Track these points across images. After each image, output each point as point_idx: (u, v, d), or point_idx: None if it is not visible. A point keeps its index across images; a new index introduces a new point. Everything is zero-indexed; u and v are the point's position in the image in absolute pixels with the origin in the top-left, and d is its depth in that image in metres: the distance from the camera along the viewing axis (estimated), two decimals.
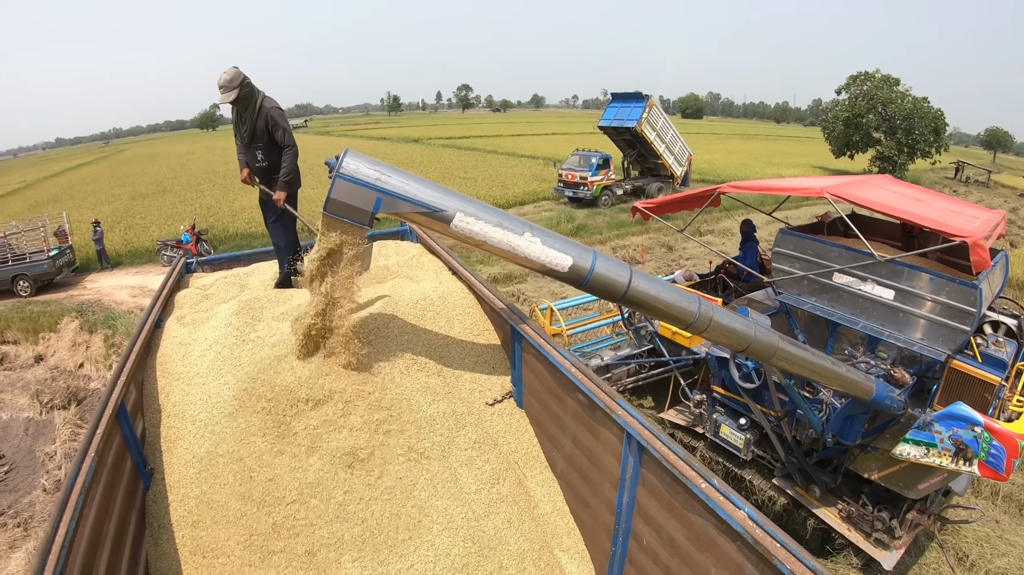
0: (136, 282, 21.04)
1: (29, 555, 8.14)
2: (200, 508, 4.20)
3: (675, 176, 30.35)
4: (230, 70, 5.92)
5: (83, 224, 25.83)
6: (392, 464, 4.55)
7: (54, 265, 20.63)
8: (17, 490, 10.18)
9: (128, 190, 42.79)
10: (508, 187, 33.64)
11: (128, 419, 4.21)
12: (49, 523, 2.85)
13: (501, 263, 18.73)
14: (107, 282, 21.44)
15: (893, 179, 9.08)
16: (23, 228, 22.42)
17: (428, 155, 52.51)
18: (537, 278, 17.50)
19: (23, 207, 38.61)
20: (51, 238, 21.96)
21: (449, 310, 5.79)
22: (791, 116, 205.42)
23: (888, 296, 6.74)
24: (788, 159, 52.74)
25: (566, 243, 4.37)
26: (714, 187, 8.40)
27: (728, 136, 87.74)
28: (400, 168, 4.36)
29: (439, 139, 70.08)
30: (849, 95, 43.93)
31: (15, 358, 16.11)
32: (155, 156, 77.39)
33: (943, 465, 5.80)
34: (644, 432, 3.75)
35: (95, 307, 18.10)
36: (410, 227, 7.80)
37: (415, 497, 4.47)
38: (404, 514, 4.38)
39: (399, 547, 4.24)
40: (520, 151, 53.65)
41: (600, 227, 24.76)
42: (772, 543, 2.95)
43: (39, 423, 12.47)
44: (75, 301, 18.96)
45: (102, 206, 34.87)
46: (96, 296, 19.59)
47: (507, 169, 41.89)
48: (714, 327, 4.56)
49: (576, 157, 30.31)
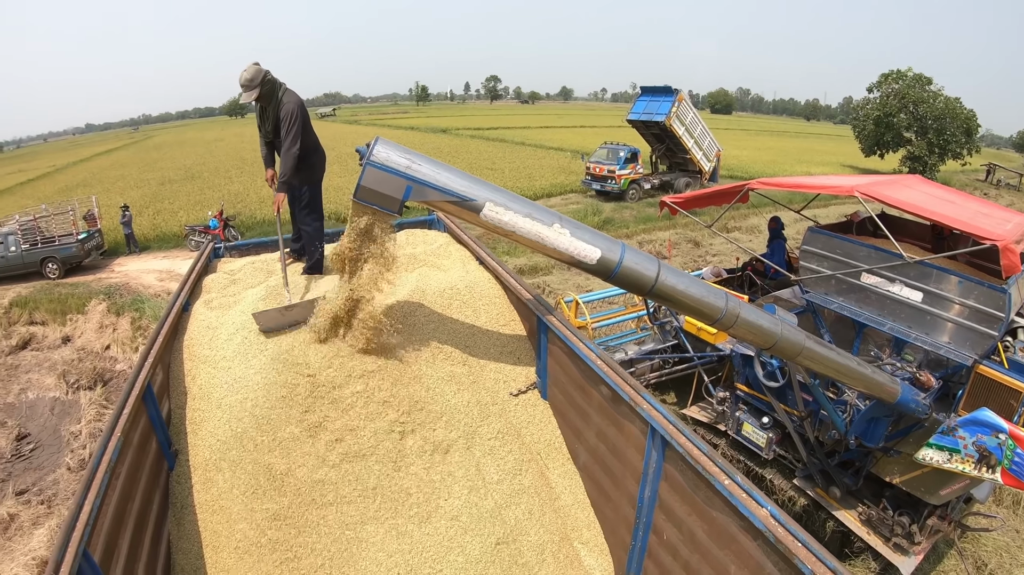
0: (163, 266, 21.27)
1: (51, 532, 8.28)
2: (222, 491, 4.25)
3: (703, 171, 30.11)
4: (251, 68, 5.76)
5: (112, 208, 26.16)
6: (415, 452, 4.58)
7: (83, 248, 20.91)
8: (42, 468, 10.38)
9: (157, 175, 43.19)
10: (535, 179, 33.59)
11: (154, 400, 4.28)
12: (74, 500, 2.90)
13: (527, 255, 18.70)
14: (135, 266, 21.69)
15: (924, 179, 8.97)
16: (53, 211, 22.68)
17: (456, 145, 52.37)
18: (563, 271, 17.46)
19: (53, 191, 39.16)
20: (80, 222, 22.21)
21: (475, 300, 5.80)
22: (821, 114, 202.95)
23: (916, 298, 6.66)
24: (817, 157, 52.16)
25: (595, 235, 4.36)
26: (743, 183, 8.33)
27: (757, 132, 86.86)
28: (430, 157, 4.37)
29: (467, 129, 69.68)
30: (880, 93, 43.37)
31: (43, 339, 16.35)
32: (184, 143, 78.00)
33: (966, 471, 5.73)
34: (668, 427, 3.74)
35: (122, 290, 18.32)
36: (437, 216, 7.81)
37: (438, 485, 4.50)
38: (426, 501, 4.41)
39: (419, 534, 4.27)
40: (548, 143, 53.32)
41: (627, 221, 24.63)
42: (793, 542, 2.93)
43: (65, 403, 12.67)
44: (103, 284, 19.19)
45: (131, 191, 35.23)
46: (124, 279, 19.81)
47: (535, 161, 41.68)
48: (741, 324, 4.53)
49: (604, 150, 30.18)
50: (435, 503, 4.42)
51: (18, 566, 7.64)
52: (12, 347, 15.84)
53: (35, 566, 7.65)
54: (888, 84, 42.85)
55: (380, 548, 4.19)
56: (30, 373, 14.28)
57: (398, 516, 4.31)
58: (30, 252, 20.43)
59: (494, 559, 4.27)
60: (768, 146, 61.49)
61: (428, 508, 4.39)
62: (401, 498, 4.39)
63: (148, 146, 79.87)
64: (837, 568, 2.76)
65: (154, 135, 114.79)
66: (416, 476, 4.49)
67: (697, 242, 21.06)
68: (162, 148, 71.19)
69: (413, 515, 4.34)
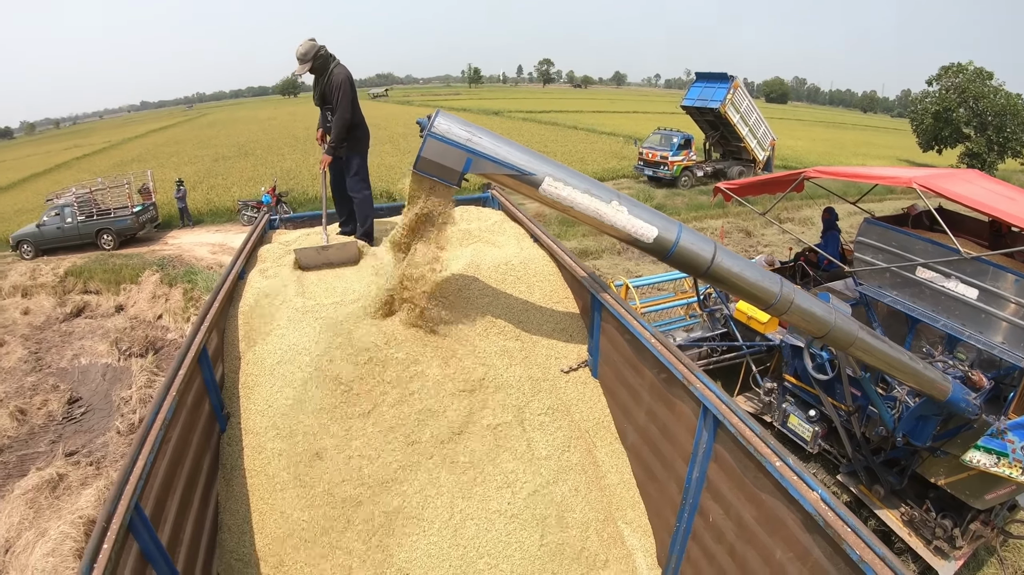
0: (216, 239, 21.74)
1: (99, 492, 8.49)
2: (270, 456, 4.34)
3: (757, 160, 29.50)
4: (305, 43, 6.17)
5: (166, 183, 26.72)
6: (465, 424, 4.62)
7: (137, 221, 21.48)
8: (92, 431, 10.69)
9: (210, 152, 43.95)
10: (587, 163, 33.39)
11: (209, 363, 4.37)
12: (128, 455, 2.98)
13: (577, 238, 18.63)
14: (188, 239, 22.18)
15: (983, 175, 8.72)
16: (108, 185, 23.27)
17: (508, 127, 52.13)
18: (613, 255, 17.38)
19: (108, 165, 40.11)
20: (135, 195, 22.77)
21: (530, 276, 5.80)
22: (878, 106, 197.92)
23: (971, 295, 6.52)
24: (874, 150, 50.90)
25: (653, 214, 4.34)
26: (799, 171, 8.20)
27: (813, 123, 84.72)
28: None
29: (519, 112, 69.29)
30: (940, 87, 42.18)
31: (96, 307, 16.87)
32: (237, 120, 79.09)
33: (1013, 477, 5.63)
34: (721, 406, 3.71)
35: (175, 262, 18.74)
36: (492, 194, 7.83)
37: (486, 456, 4.53)
38: (474, 473, 4.44)
39: (465, 505, 4.32)
40: (600, 128, 52.78)
41: (678, 208, 24.34)
42: (843, 527, 2.88)
43: (117, 369, 13.04)
44: (156, 256, 19.67)
45: (185, 166, 35.94)
46: (177, 252, 20.30)
47: (587, 145, 41.37)
48: (795, 310, 4.48)
49: (657, 136, 29.84)
50: (484, 475, 4.46)
51: (66, 524, 7.82)
52: (67, 314, 16.39)
53: (82, 525, 7.83)
54: (948, 78, 41.58)
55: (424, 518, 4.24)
56: (83, 340, 14.72)
57: (445, 487, 4.36)
58: (86, 224, 21.08)
59: (539, 534, 4.30)
60: (824, 137, 60.07)
61: (476, 480, 4.42)
62: (449, 469, 4.43)
63: (202, 123, 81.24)
64: (886, 555, 2.70)
65: (208, 113, 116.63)
66: (466, 448, 4.52)
67: (749, 231, 20.74)
68: (216, 126, 72.36)
69: (461, 486, 4.38)
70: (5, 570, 7.52)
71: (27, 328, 15.62)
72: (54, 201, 22.11)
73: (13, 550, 7.75)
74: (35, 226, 21.35)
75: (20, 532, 8.01)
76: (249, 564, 4.07)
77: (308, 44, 6.16)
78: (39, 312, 16.50)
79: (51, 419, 11.09)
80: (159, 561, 3.05)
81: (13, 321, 16.06)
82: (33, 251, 21.11)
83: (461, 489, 4.37)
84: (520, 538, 4.26)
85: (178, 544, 3.41)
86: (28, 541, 7.78)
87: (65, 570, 7.22)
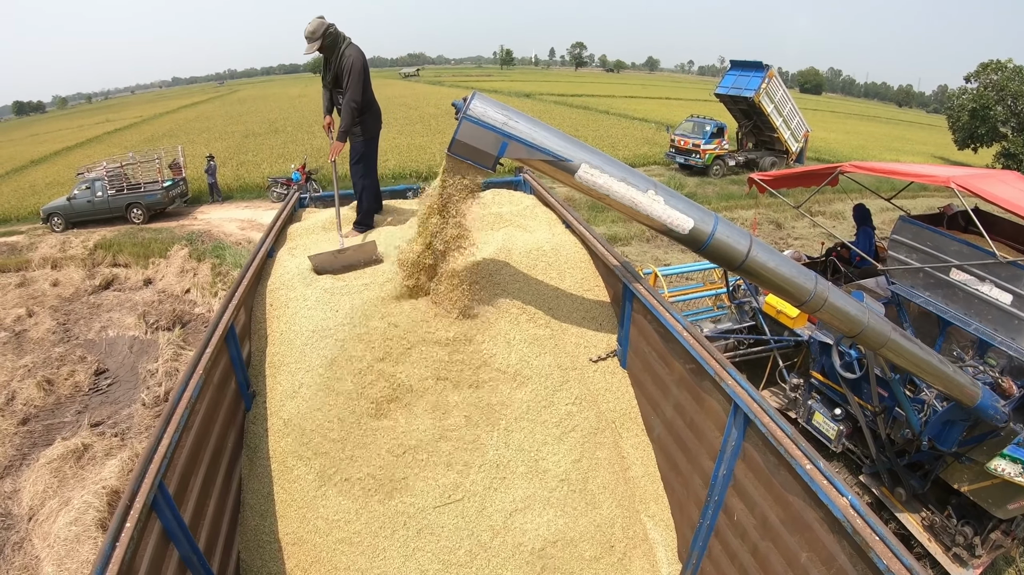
0: (245, 215, 21.93)
1: (123, 463, 8.61)
2: (295, 434, 4.35)
3: (790, 151, 29.12)
4: (314, 21, 5.91)
5: (197, 159, 26.94)
6: (492, 410, 4.62)
7: (167, 196, 21.72)
8: (118, 403, 10.86)
9: (241, 128, 44.31)
10: (619, 148, 33.26)
11: (236, 342, 4.39)
12: (154, 433, 3.00)
13: (607, 223, 18.51)
14: (217, 214, 22.37)
15: (1022, 176, 8.54)
16: (139, 160, 23.56)
17: (540, 110, 51.85)
18: (642, 243, 17.27)
19: (139, 140, 40.52)
20: (165, 170, 23.00)
21: (561, 262, 5.75)
22: (914, 101, 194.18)
23: (1006, 300, 6.37)
24: (908, 146, 50.10)
25: (689, 205, 4.27)
26: (835, 165, 8.08)
27: (847, 116, 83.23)
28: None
29: (551, 95, 68.95)
30: (978, 84, 41.35)
31: (125, 280, 17.14)
32: (268, 97, 79.54)
33: None
34: (753, 405, 3.66)
35: (204, 237, 18.95)
36: (524, 178, 7.76)
37: (514, 443, 4.53)
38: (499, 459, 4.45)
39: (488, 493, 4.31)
40: (632, 113, 52.43)
41: (709, 197, 24.14)
42: (871, 535, 2.83)
43: (144, 342, 13.22)
44: (185, 230, 19.89)
45: (215, 142, 36.24)
46: (206, 227, 20.50)
47: (618, 130, 41.09)
48: (828, 307, 4.40)
49: (690, 123, 29.57)
50: (508, 461, 4.45)
51: (89, 494, 7.94)
52: (95, 287, 16.65)
53: (105, 494, 7.95)
54: (987, 75, 40.72)
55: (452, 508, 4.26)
56: (111, 312, 14.95)
57: (472, 475, 4.36)
58: (116, 198, 21.34)
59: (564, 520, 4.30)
60: (858, 130, 59.08)
61: (500, 465, 4.42)
62: (476, 454, 4.43)
63: (233, 100, 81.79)
64: (913, 567, 2.65)
65: (239, 90, 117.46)
66: (492, 434, 4.53)
67: (780, 224, 20.55)
68: (246, 102, 72.82)
69: (488, 474, 4.39)
70: (28, 538, 7.64)
71: (56, 300, 15.87)
72: (85, 175, 22.35)
73: (37, 518, 7.89)
74: (66, 199, 21.60)
75: (44, 500, 8.15)
76: (270, 543, 4.09)
77: (316, 22, 5.89)
78: (68, 284, 16.76)
79: (77, 390, 11.26)
80: (181, 539, 3.08)
81: (43, 292, 16.32)
82: (63, 224, 21.37)
83: (489, 478, 4.37)
84: (544, 525, 4.26)
85: (200, 522, 3.44)
86: (52, 509, 7.91)
87: (87, 539, 7.33)
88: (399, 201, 7.50)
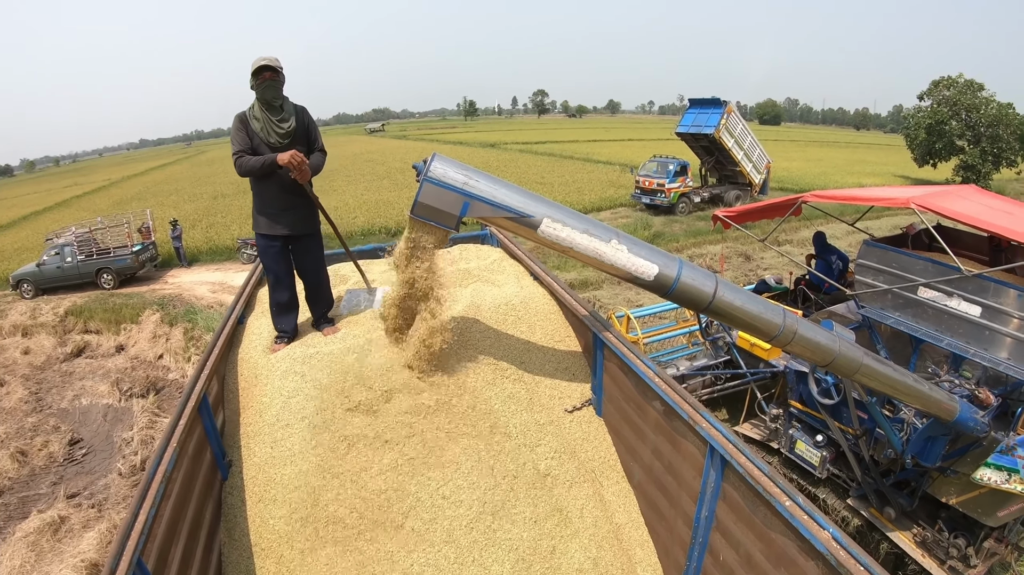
0: (216, 278, 21.76)
1: (101, 535, 8.44)
2: (273, 503, 4.28)
3: (753, 184, 29.77)
4: (270, 56, 4.94)
5: (166, 221, 26.80)
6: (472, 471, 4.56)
7: (137, 260, 21.56)
8: (93, 472, 10.65)
9: (209, 190, 44.25)
10: (585, 192, 33.52)
11: (209, 411, 4.34)
12: (130, 508, 2.95)
13: (577, 269, 18.62)
14: (188, 278, 22.20)
15: (979, 190, 8.75)
16: (108, 224, 23.44)
17: (505, 159, 52.48)
18: (613, 285, 17.35)
19: (108, 204, 40.36)
20: (135, 234, 22.88)
21: (530, 315, 5.77)
22: (871, 122, 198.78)
23: (974, 312, 6.49)
24: (869, 167, 51.05)
25: (652, 251, 4.32)
26: (796, 196, 8.23)
27: (806, 143, 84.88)
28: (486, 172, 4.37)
29: (515, 144, 69.64)
30: (932, 101, 42.39)
31: (97, 347, 16.92)
32: None
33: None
34: (728, 445, 3.67)
35: (176, 301, 18.77)
36: (491, 231, 7.80)
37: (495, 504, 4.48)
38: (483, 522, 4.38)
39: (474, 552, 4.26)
40: (596, 156, 53.07)
41: (677, 235, 24.41)
42: (856, 566, 2.84)
43: (118, 410, 13.01)
44: (156, 295, 19.71)
45: (184, 204, 36.16)
46: (177, 291, 20.32)
47: (583, 175, 41.54)
48: (798, 340, 4.46)
49: (653, 164, 29.94)
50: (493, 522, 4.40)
51: (67, 567, 7.79)
52: (67, 354, 16.44)
53: (84, 568, 7.80)
54: (939, 91, 41.77)
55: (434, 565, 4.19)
56: (84, 380, 14.71)
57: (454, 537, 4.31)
58: (86, 263, 21.15)
59: None
60: (818, 157, 60.27)
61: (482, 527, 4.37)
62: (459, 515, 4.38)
63: (201, 161, 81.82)
64: None
65: (206, 150, 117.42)
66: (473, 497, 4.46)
67: (748, 256, 20.77)
68: (214, 163, 72.71)
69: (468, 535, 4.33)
70: None
71: (27, 368, 15.62)
72: (54, 240, 22.24)
73: None
74: (35, 265, 21.42)
75: None
76: None
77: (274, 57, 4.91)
78: (39, 352, 16.51)
79: (52, 460, 11.05)
80: None
81: (14, 361, 16.06)
82: (33, 290, 21.15)
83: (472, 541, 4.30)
84: None
85: None
86: None
87: None
88: (370, 261, 7.37)
